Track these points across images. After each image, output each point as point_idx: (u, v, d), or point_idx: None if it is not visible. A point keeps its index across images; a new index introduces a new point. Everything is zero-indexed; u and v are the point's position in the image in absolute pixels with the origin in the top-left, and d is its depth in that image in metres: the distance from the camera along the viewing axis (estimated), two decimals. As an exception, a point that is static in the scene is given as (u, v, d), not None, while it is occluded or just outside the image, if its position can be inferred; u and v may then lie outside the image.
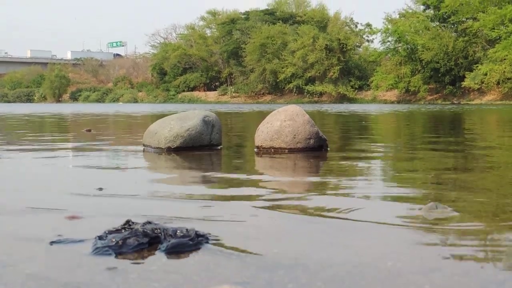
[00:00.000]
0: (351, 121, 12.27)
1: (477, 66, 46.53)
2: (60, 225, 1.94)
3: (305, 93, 59.07)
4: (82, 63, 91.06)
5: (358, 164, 3.80)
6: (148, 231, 1.69)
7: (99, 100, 75.70)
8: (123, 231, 1.71)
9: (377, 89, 54.31)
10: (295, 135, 4.50)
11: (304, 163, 3.98)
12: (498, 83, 44.94)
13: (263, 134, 4.64)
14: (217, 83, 71.25)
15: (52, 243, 1.70)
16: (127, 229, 1.72)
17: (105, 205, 2.34)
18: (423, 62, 50.67)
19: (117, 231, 1.72)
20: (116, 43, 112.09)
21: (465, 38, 49.54)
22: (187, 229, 1.71)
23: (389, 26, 54.58)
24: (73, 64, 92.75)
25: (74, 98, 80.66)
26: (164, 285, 1.33)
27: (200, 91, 70.78)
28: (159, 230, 1.70)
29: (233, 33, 68.07)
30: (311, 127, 4.56)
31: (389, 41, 55.06)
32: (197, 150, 4.67)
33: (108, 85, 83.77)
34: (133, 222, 1.77)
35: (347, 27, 62.50)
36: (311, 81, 58.96)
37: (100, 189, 2.70)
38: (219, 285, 1.33)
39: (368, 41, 62.48)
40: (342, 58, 58.33)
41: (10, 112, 21.17)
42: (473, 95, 48.28)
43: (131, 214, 2.06)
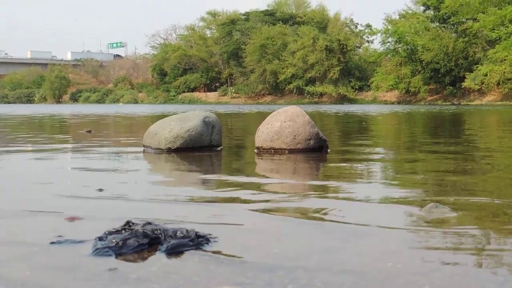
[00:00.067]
0: (351, 122, 12.27)
1: (477, 67, 46.52)
2: (60, 226, 1.94)
3: (305, 94, 59.06)
4: (82, 64, 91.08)
5: (359, 166, 3.80)
6: (148, 232, 1.69)
7: (99, 101, 75.71)
8: (123, 232, 1.71)
9: (377, 90, 54.29)
10: (295, 136, 4.50)
11: (305, 164, 3.98)
12: (498, 83, 44.94)
13: (263, 135, 4.64)
14: (217, 84, 71.23)
15: (52, 243, 1.70)
16: (127, 230, 1.72)
17: (105, 206, 2.34)
18: (423, 62, 50.66)
19: (117, 232, 1.72)
20: (116, 43, 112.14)
21: (465, 39, 49.53)
22: (187, 230, 1.71)
23: (389, 27, 54.57)
24: (73, 65, 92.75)
25: (74, 99, 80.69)
26: (164, 285, 1.34)
27: (200, 92, 70.78)
28: (159, 231, 1.70)
29: (233, 34, 68.07)
30: (311, 128, 4.56)
31: (389, 41, 55.09)
32: (197, 151, 4.67)
33: (108, 86, 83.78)
34: (133, 223, 1.77)
35: (347, 28, 62.46)
36: (311, 81, 58.95)
37: (100, 190, 2.71)
38: (219, 285, 1.33)
39: (368, 41, 62.50)
40: (342, 59, 58.31)
41: (11, 112, 21.16)
42: (473, 95, 48.27)
43: (130, 215, 2.06)
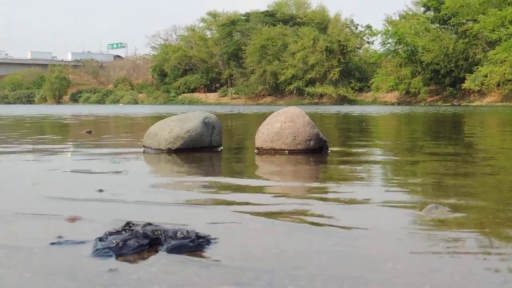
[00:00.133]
0: (351, 123, 12.27)
1: (477, 68, 46.53)
2: (60, 226, 1.94)
3: (305, 95, 59.08)
4: (82, 64, 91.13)
5: (359, 167, 3.80)
6: (149, 232, 1.69)
7: (99, 102, 75.74)
8: (123, 232, 1.71)
9: (377, 91, 54.31)
10: (295, 136, 4.50)
11: (305, 165, 3.98)
12: (498, 84, 44.95)
13: (263, 136, 4.64)
14: (217, 85, 71.24)
15: (52, 244, 1.70)
16: (127, 230, 1.72)
17: (105, 206, 2.34)
18: (423, 63, 50.68)
19: (117, 232, 1.72)
20: (117, 44, 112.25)
21: (465, 40, 49.55)
22: (187, 231, 1.71)
23: (389, 28, 54.60)
24: (73, 65, 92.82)
25: (75, 99, 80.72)
26: (164, 286, 1.34)
27: (200, 92, 70.80)
28: (159, 232, 1.70)
29: (233, 34, 68.10)
30: (311, 128, 4.56)
31: (389, 42, 55.13)
32: (198, 152, 4.67)
33: (109, 86, 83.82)
34: (133, 224, 1.77)
35: (347, 29, 62.49)
36: (312, 82, 58.97)
37: (101, 190, 2.71)
38: (219, 286, 1.34)
39: (368, 42, 62.54)
40: (342, 60, 58.34)
41: (11, 113, 21.17)
42: (473, 96, 48.28)
43: (131, 216, 2.06)
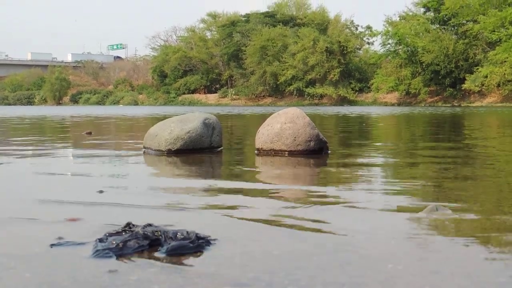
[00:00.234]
0: (351, 124, 12.27)
1: (478, 69, 46.51)
2: (60, 228, 1.94)
3: (305, 96, 59.06)
4: (82, 65, 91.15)
5: (359, 168, 3.80)
6: (149, 233, 1.69)
7: (99, 103, 75.73)
8: (123, 233, 1.71)
9: (377, 92, 54.28)
10: (295, 137, 4.50)
11: (305, 167, 3.98)
12: (498, 85, 44.92)
13: (263, 137, 4.64)
14: (217, 86, 71.22)
15: (52, 245, 1.70)
16: (127, 231, 1.72)
17: (105, 207, 2.34)
18: (423, 64, 50.65)
19: (117, 233, 1.72)
20: (117, 45, 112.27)
21: (466, 41, 49.53)
22: (187, 232, 1.71)
23: (389, 29, 54.57)
24: (73, 66, 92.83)
25: (75, 100, 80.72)
26: (164, 287, 1.34)
27: (200, 93, 70.78)
28: (159, 233, 1.71)
29: (233, 35, 68.07)
30: (311, 129, 4.56)
31: (389, 43, 55.08)
32: (198, 153, 4.67)
33: (109, 87, 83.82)
34: (133, 225, 1.77)
35: (347, 30, 62.48)
36: (312, 83, 58.95)
37: (101, 191, 2.71)
38: (219, 287, 1.34)
39: (368, 43, 62.49)
40: (342, 61, 58.32)
41: (11, 114, 21.17)
42: (473, 97, 48.25)
43: (131, 216, 2.05)
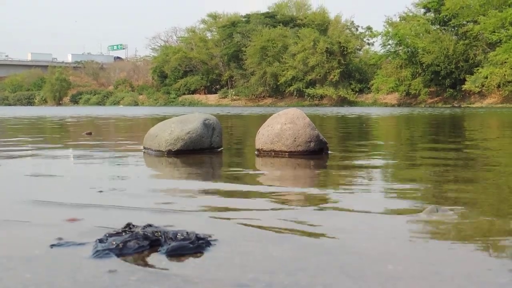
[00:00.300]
0: (351, 124, 12.27)
1: (478, 69, 46.50)
2: (60, 228, 1.94)
3: (305, 96, 59.07)
4: (82, 66, 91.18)
5: (359, 169, 3.80)
6: (149, 234, 1.69)
7: (99, 103, 75.73)
8: (123, 234, 1.71)
9: (377, 92, 54.27)
10: (295, 138, 4.50)
11: (305, 168, 3.98)
12: (498, 86, 44.91)
13: (263, 137, 4.64)
14: (217, 86, 71.23)
15: (52, 246, 1.70)
16: (127, 232, 1.72)
17: (105, 207, 2.34)
18: (423, 65, 50.65)
19: (117, 234, 1.72)
20: (117, 46, 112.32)
21: (466, 41, 49.52)
22: (187, 232, 1.71)
23: (389, 29, 54.57)
24: (73, 67, 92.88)
25: (75, 101, 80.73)
26: (164, 287, 1.34)
27: (200, 94, 70.78)
28: (159, 233, 1.70)
29: (233, 36, 68.08)
30: (311, 130, 4.55)
31: (389, 44, 55.06)
32: (198, 153, 4.67)
33: (109, 88, 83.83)
34: (133, 225, 1.77)
35: (347, 30, 62.47)
36: (312, 84, 58.95)
37: (101, 191, 2.71)
38: (219, 287, 1.33)
39: (368, 44, 62.50)
40: (342, 61, 58.32)
41: (11, 114, 21.17)
42: (473, 98, 48.24)
43: (131, 217, 2.05)
